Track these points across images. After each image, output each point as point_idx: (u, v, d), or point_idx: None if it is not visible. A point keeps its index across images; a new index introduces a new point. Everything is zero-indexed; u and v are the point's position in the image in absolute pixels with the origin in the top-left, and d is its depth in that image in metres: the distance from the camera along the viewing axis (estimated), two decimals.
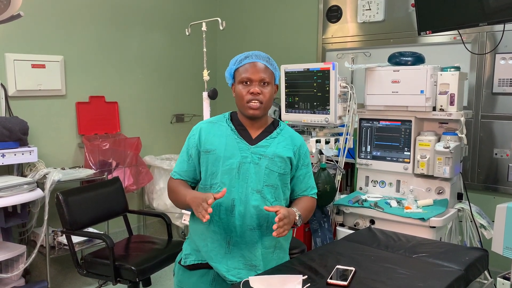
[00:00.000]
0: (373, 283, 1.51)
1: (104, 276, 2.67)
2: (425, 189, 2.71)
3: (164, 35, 4.29)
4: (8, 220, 2.98)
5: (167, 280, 3.41)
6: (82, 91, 3.69)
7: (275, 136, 1.78)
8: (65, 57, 3.54)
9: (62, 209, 2.69)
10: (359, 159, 2.95)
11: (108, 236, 2.66)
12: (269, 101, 1.73)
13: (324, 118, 2.80)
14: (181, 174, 1.80)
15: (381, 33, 3.62)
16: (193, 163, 1.79)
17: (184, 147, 1.83)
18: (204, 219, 1.53)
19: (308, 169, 1.84)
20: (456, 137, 2.62)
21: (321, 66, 2.77)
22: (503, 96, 3.09)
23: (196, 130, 1.81)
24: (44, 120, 3.44)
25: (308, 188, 1.83)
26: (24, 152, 3.03)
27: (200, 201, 1.57)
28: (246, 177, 1.70)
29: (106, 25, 3.82)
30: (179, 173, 1.81)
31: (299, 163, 1.80)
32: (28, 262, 3.00)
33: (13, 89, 3.25)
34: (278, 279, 1.50)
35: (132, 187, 3.73)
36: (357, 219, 2.72)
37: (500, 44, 2.95)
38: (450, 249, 1.88)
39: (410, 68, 2.71)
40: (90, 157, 3.46)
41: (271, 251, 1.74)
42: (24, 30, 3.30)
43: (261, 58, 1.73)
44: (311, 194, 1.83)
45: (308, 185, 1.83)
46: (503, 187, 3.12)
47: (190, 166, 1.79)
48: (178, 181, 1.79)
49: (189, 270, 1.78)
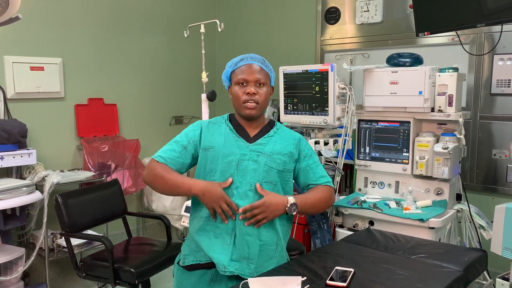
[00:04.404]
0: (373, 284, 1.51)
1: (103, 278, 2.67)
2: (424, 190, 2.71)
3: (163, 37, 4.30)
4: (7, 222, 2.98)
5: (167, 282, 3.41)
6: (81, 93, 3.69)
7: (272, 134, 1.82)
8: (64, 59, 3.54)
9: (61, 211, 2.69)
10: (358, 160, 2.95)
11: (107, 238, 2.65)
12: (265, 101, 1.79)
13: (323, 120, 2.80)
14: (167, 160, 1.76)
15: (380, 35, 3.63)
16: (185, 156, 1.78)
17: (178, 138, 1.82)
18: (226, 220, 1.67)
19: (313, 159, 1.85)
20: (454, 138, 2.62)
21: (320, 67, 2.77)
22: (501, 96, 3.09)
23: (197, 127, 1.83)
24: (43, 123, 3.44)
25: (319, 178, 1.84)
26: (23, 155, 3.02)
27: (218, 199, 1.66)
28: (245, 174, 1.72)
29: (104, 28, 3.83)
30: (165, 158, 1.76)
31: (301, 155, 1.83)
32: (27, 265, 2.99)
33: (12, 92, 3.24)
34: (277, 280, 1.50)
35: (131, 189, 3.73)
36: (356, 220, 2.72)
37: (498, 45, 2.95)
38: (449, 250, 1.88)
39: (409, 69, 2.72)
40: (89, 159, 3.46)
41: (273, 248, 1.75)
42: (23, 32, 3.30)
43: (256, 60, 1.80)
44: (324, 183, 1.84)
45: (318, 174, 1.84)
46: (501, 188, 3.12)
47: (180, 158, 1.78)
48: (165, 165, 1.75)
49: (187, 270, 1.79)
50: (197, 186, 1.69)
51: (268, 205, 1.67)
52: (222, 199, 1.66)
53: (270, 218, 1.68)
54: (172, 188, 1.74)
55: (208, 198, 1.66)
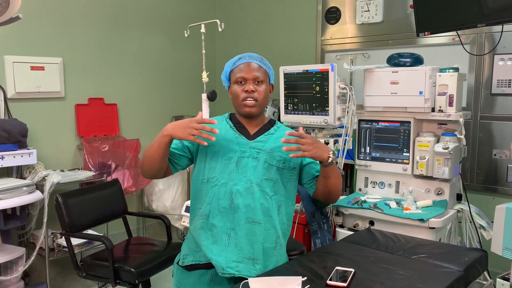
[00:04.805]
0: (373, 284, 1.51)
1: (104, 278, 2.67)
2: (424, 190, 2.71)
3: (163, 37, 4.30)
4: (7, 222, 2.98)
5: (167, 282, 3.41)
6: (81, 93, 3.69)
7: (272, 132, 1.83)
8: (64, 59, 3.54)
9: (61, 211, 2.69)
10: (358, 160, 2.95)
11: (108, 238, 2.65)
12: (264, 99, 1.79)
13: (323, 120, 2.80)
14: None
15: (380, 34, 3.62)
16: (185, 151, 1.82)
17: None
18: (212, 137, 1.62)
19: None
20: (455, 138, 2.62)
21: (320, 67, 2.77)
22: (502, 96, 3.09)
23: None
24: (43, 122, 3.44)
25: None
26: (23, 154, 3.02)
27: (187, 123, 1.61)
28: (245, 171, 1.72)
29: (105, 27, 3.83)
30: None
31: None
32: (27, 265, 2.99)
33: (12, 91, 3.24)
34: (277, 280, 1.49)
35: (131, 189, 3.73)
36: (356, 220, 2.72)
37: (498, 45, 2.95)
38: (449, 250, 1.88)
39: (409, 69, 2.72)
40: (89, 159, 3.46)
41: (272, 246, 1.74)
42: (23, 32, 3.30)
43: (254, 58, 1.81)
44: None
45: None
46: (502, 188, 3.12)
47: (180, 151, 1.81)
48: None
49: (187, 270, 1.79)
50: (167, 127, 1.68)
51: (317, 141, 1.65)
52: (191, 121, 1.62)
53: (311, 154, 1.61)
54: (153, 152, 1.72)
55: (179, 128, 1.63)
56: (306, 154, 1.61)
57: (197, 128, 1.61)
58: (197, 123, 1.61)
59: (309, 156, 1.62)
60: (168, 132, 1.66)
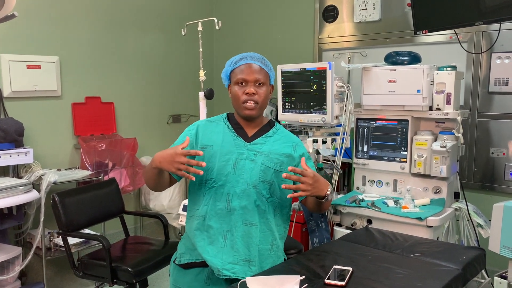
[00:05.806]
0: (371, 283, 1.50)
1: (101, 277, 2.66)
2: (422, 188, 2.71)
3: (160, 35, 4.28)
4: (4, 222, 2.97)
5: (164, 281, 3.40)
6: (78, 92, 3.67)
7: (271, 134, 1.80)
8: (61, 57, 3.53)
9: (58, 210, 2.68)
10: (356, 159, 2.94)
11: (105, 238, 2.65)
12: (265, 101, 1.76)
13: (321, 118, 2.79)
14: None
15: (378, 33, 3.62)
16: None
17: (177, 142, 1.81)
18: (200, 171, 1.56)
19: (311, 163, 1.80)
20: (452, 136, 2.62)
21: (318, 66, 2.77)
22: (499, 95, 3.09)
23: (193, 127, 1.82)
24: (39, 121, 3.42)
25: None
26: (20, 154, 3.01)
27: (172, 156, 1.54)
28: (242, 173, 1.71)
29: (101, 26, 3.81)
30: None
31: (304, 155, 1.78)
32: (24, 264, 2.98)
33: (8, 90, 3.23)
34: (275, 279, 1.49)
35: (128, 188, 3.71)
36: (354, 219, 2.72)
37: (496, 43, 2.95)
38: (447, 249, 1.88)
39: (407, 67, 2.71)
40: (86, 158, 3.45)
41: (268, 248, 1.73)
42: (19, 30, 3.28)
43: (255, 59, 1.77)
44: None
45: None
46: (499, 186, 3.12)
47: None
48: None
49: (183, 269, 1.78)
50: (154, 159, 1.62)
51: (318, 179, 1.59)
52: (176, 154, 1.54)
53: (310, 193, 1.58)
54: (151, 176, 1.69)
55: (165, 162, 1.57)
56: (303, 194, 1.57)
57: (183, 162, 1.54)
58: (182, 156, 1.55)
59: (309, 195, 1.59)
60: (155, 165, 1.61)
